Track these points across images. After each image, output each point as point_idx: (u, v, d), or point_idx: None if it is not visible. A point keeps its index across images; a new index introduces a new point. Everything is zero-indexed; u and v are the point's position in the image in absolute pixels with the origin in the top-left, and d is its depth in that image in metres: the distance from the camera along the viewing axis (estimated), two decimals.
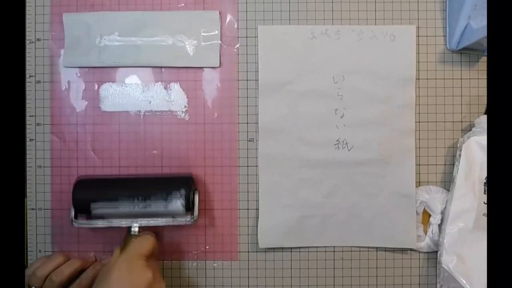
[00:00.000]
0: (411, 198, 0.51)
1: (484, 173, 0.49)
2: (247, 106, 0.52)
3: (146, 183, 0.49)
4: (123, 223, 0.48)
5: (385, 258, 0.52)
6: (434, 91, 0.52)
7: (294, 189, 0.51)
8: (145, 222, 0.48)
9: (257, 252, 0.52)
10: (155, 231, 0.50)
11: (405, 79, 0.51)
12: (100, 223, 0.48)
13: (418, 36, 0.52)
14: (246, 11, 0.52)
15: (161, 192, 0.47)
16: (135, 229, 0.47)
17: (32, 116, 0.52)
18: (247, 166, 0.52)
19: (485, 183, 0.49)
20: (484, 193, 0.49)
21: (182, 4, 0.52)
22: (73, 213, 0.48)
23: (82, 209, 0.47)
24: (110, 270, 0.41)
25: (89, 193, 0.47)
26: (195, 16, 0.52)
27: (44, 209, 0.52)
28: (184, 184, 0.48)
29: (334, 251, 0.52)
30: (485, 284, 0.46)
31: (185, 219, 0.48)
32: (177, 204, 0.47)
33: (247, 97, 0.52)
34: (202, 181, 0.52)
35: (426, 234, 0.51)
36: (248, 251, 0.52)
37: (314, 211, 0.51)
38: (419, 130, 0.52)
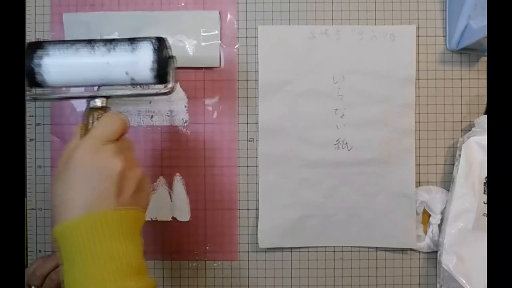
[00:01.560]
0: (411, 198, 0.51)
1: (484, 173, 0.49)
2: (247, 106, 0.52)
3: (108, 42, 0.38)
4: (84, 94, 0.39)
5: (385, 258, 0.52)
6: (434, 91, 0.52)
7: (294, 189, 0.51)
8: (111, 91, 0.38)
9: (257, 252, 0.52)
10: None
11: (405, 79, 0.51)
12: (55, 96, 0.40)
13: (418, 36, 0.52)
14: (246, 11, 0.52)
15: (125, 42, 0.38)
16: (98, 101, 0.38)
17: (32, 116, 0.52)
18: (247, 166, 0.52)
19: (485, 183, 0.49)
20: (484, 193, 0.49)
21: (182, 4, 0.52)
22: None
23: (31, 76, 0.37)
24: (72, 157, 0.34)
25: (38, 59, 0.37)
26: (195, 16, 0.52)
27: (44, 209, 0.52)
28: (155, 40, 0.38)
29: (334, 251, 0.52)
30: (485, 284, 0.46)
31: (158, 89, 0.39)
32: (146, 55, 0.37)
33: (247, 97, 0.52)
34: (202, 181, 0.52)
35: (426, 234, 0.51)
36: (248, 251, 0.52)
37: (314, 211, 0.51)
38: (419, 130, 0.52)
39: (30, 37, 0.52)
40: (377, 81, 0.51)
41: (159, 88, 0.39)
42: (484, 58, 0.52)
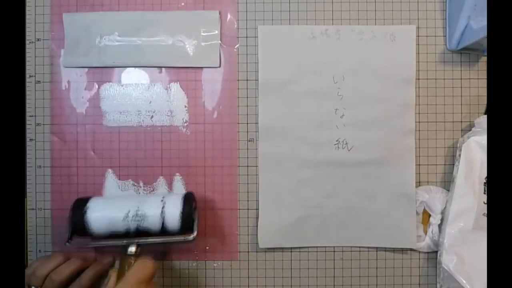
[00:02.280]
0: (411, 198, 0.51)
1: (484, 173, 0.49)
2: (247, 106, 0.52)
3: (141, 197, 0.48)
4: (119, 242, 0.46)
5: (385, 258, 0.52)
6: (434, 91, 0.52)
7: (294, 189, 0.51)
8: (142, 240, 0.46)
9: (257, 252, 0.52)
10: (153, 250, 0.49)
11: (405, 79, 0.51)
12: (95, 243, 0.47)
13: (418, 36, 0.52)
14: (246, 11, 0.52)
15: (156, 208, 0.46)
16: (132, 249, 0.45)
17: (32, 116, 0.52)
18: (247, 166, 0.52)
19: (485, 183, 0.49)
20: (484, 193, 0.49)
21: (182, 4, 0.52)
22: (69, 233, 0.47)
23: (78, 229, 0.46)
24: None
25: (85, 211, 0.46)
26: (195, 16, 0.52)
27: (44, 209, 0.52)
28: (183, 201, 0.46)
29: (334, 251, 0.52)
30: (485, 284, 0.46)
31: (184, 237, 0.46)
32: (174, 222, 0.45)
33: (247, 97, 0.52)
34: (202, 181, 0.52)
35: (426, 234, 0.51)
36: (248, 251, 0.52)
37: (314, 211, 0.51)
38: (419, 130, 0.52)
39: (30, 37, 0.52)
40: (377, 81, 0.51)
41: (185, 236, 0.46)
42: (484, 58, 0.52)
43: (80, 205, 0.46)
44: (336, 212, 0.51)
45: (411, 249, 0.52)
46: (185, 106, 0.52)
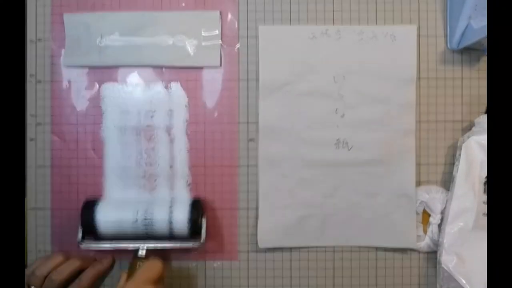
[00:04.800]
0: (411, 198, 0.51)
1: (484, 173, 0.49)
2: (247, 106, 0.52)
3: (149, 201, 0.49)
4: (131, 245, 0.47)
5: (385, 258, 0.52)
6: (435, 91, 0.52)
7: (294, 189, 0.51)
8: (152, 245, 0.47)
9: (257, 252, 0.52)
10: (163, 255, 0.49)
11: (406, 79, 0.51)
12: (107, 245, 0.48)
13: (418, 36, 0.52)
14: (247, 11, 0.52)
15: (164, 214, 0.48)
16: (142, 252, 0.47)
17: (33, 115, 0.52)
18: (247, 166, 0.52)
19: (485, 183, 0.49)
20: (484, 193, 0.49)
21: (183, 4, 0.52)
22: (80, 235, 0.48)
23: (89, 229, 0.48)
24: None
25: (95, 213, 0.47)
26: (195, 16, 0.52)
27: (44, 209, 0.52)
28: (192, 207, 0.48)
29: (334, 251, 0.52)
30: (485, 284, 0.46)
31: (192, 243, 0.48)
32: (182, 227, 0.47)
33: (247, 97, 0.52)
34: (202, 181, 0.52)
35: (426, 234, 0.51)
36: (248, 251, 0.52)
37: (314, 211, 0.51)
38: (419, 130, 0.52)
39: (30, 36, 0.52)
40: (377, 81, 0.51)
41: (192, 243, 0.48)
42: (485, 58, 0.52)
43: (89, 206, 0.48)
44: (336, 212, 0.51)
45: (411, 249, 0.52)
46: (186, 106, 0.52)
